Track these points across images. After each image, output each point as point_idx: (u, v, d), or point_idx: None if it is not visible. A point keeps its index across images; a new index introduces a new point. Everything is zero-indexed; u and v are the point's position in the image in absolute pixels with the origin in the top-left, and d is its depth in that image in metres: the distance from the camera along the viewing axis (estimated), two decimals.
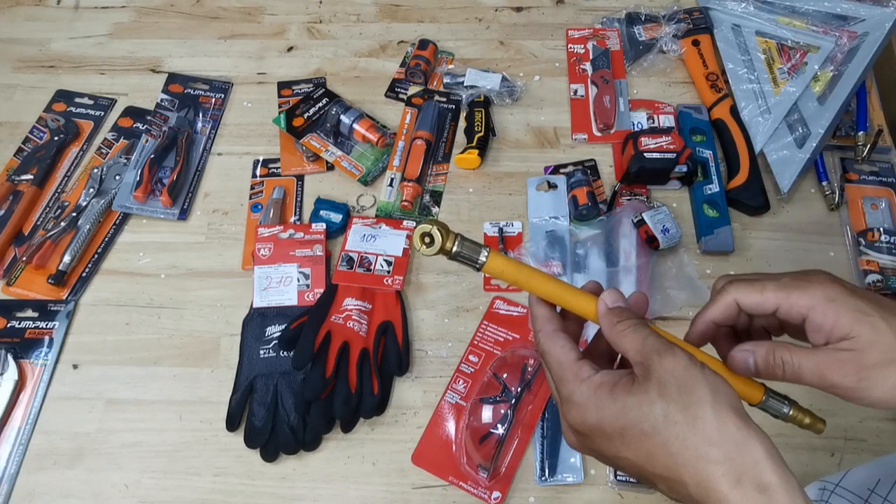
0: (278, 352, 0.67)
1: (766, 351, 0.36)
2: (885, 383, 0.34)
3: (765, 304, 0.37)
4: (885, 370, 0.34)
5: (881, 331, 0.35)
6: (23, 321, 0.69)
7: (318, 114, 0.82)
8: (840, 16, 0.85)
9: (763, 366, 0.36)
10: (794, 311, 0.37)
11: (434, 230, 0.36)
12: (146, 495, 0.61)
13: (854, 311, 0.35)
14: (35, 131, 0.83)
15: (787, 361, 0.35)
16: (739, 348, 0.37)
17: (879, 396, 0.35)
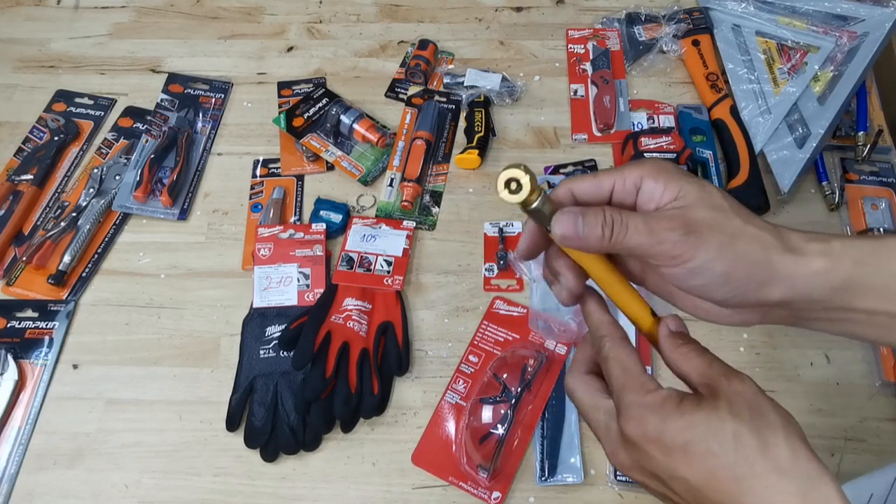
0: (278, 352, 0.67)
1: (594, 212, 0.33)
2: (709, 243, 0.32)
3: (600, 186, 0.36)
4: (710, 232, 0.32)
5: (709, 191, 0.34)
6: (23, 321, 0.69)
7: (318, 114, 0.82)
8: (840, 16, 0.85)
9: (591, 226, 0.33)
10: (629, 184, 0.35)
11: (523, 176, 0.32)
12: (146, 495, 0.61)
13: (684, 175, 0.35)
14: (35, 131, 0.83)
15: (617, 220, 0.33)
16: (566, 210, 0.33)
17: (704, 260, 0.32)
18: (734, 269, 0.33)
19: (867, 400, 0.64)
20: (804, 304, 0.34)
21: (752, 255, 0.33)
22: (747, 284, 0.33)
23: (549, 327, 0.68)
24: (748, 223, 0.34)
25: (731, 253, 0.33)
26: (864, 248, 0.34)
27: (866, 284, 0.33)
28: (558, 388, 0.64)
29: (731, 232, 0.33)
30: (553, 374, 0.65)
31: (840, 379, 0.65)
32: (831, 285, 0.33)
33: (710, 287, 0.34)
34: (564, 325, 0.67)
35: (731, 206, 0.34)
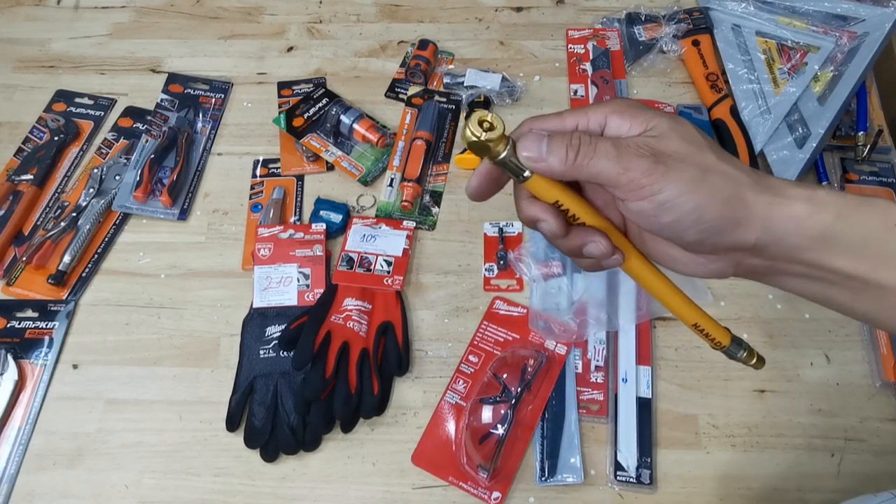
0: (278, 352, 0.67)
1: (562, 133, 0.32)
2: (680, 174, 0.31)
3: (563, 124, 0.34)
4: (681, 163, 0.31)
5: (682, 122, 0.32)
6: (23, 321, 0.69)
7: (318, 114, 0.82)
8: (840, 16, 0.85)
9: (556, 147, 0.31)
10: (594, 123, 0.33)
11: (494, 119, 0.31)
12: (146, 495, 0.61)
13: (650, 110, 0.33)
14: (35, 131, 0.83)
15: (584, 140, 0.31)
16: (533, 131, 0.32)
17: (674, 192, 0.31)
18: (706, 205, 0.31)
19: (867, 400, 0.64)
20: (780, 253, 0.33)
21: (725, 190, 0.31)
22: (720, 223, 0.32)
23: (549, 327, 0.68)
24: (722, 160, 0.32)
25: (703, 187, 0.31)
26: (848, 201, 0.32)
27: (845, 239, 0.32)
28: (558, 388, 0.64)
29: (704, 165, 0.31)
30: (553, 374, 0.65)
31: (840, 379, 0.65)
32: (810, 233, 0.32)
33: (680, 225, 0.32)
34: (564, 325, 0.67)
35: (706, 140, 0.32)
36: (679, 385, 0.65)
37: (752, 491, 0.60)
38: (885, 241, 0.32)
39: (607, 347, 0.67)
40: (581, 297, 0.69)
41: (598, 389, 0.65)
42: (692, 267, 0.36)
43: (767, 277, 0.36)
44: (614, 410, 0.63)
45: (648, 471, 0.60)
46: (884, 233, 0.32)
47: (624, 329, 0.67)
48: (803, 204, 0.32)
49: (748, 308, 0.69)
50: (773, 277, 0.36)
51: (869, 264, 0.32)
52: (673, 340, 0.68)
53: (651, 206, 0.32)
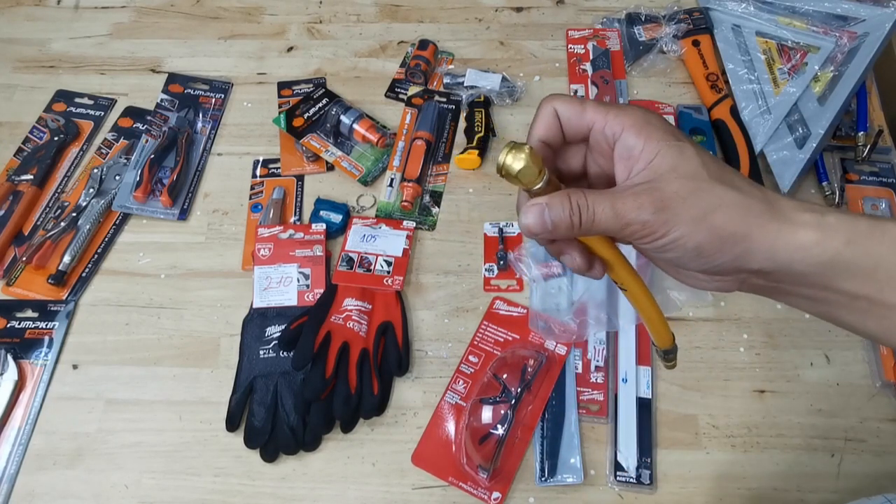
0: (278, 352, 0.67)
1: (559, 200, 0.32)
2: (680, 219, 0.31)
3: (583, 115, 0.34)
4: (682, 206, 0.31)
5: (687, 156, 0.32)
6: (23, 321, 0.69)
7: (318, 114, 0.82)
8: (840, 16, 0.85)
9: (558, 217, 0.32)
10: (609, 131, 0.34)
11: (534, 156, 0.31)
12: (146, 495, 0.61)
13: (666, 133, 0.33)
14: (35, 131, 0.83)
15: (583, 205, 0.32)
16: (531, 203, 0.32)
17: (674, 237, 0.31)
18: (707, 244, 0.31)
19: (867, 400, 0.64)
20: (785, 277, 0.33)
21: (728, 226, 0.31)
22: (722, 256, 0.32)
23: (549, 327, 0.68)
24: (731, 189, 0.32)
25: (704, 228, 0.31)
26: (859, 226, 0.32)
27: (854, 266, 0.32)
28: (558, 388, 0.64)
29: (706, 205, 0.31)
30: (553, 374, 0.65)
31: (840, 379, 0.65)
32: (818, 261, 0.32)
33: (681, 260, 0.33)
34: (564, 325, 0.67)
35: (710, 173, 0.32)
36: (679, 385, 0.65)
37: (752, 491, 0.60)
38: (894, 264, 0.31)
39: (607, 347, 0.67)
40: (581, 297, 0.69)
41: (598, 389, 0.65)
42: (696, 282, 0.36)
43: (773, 296, 0.36)
44: (614, 410, 0.63)
45: (648, 471, 0.60)
46: (894, 256, 0.31)
47: (624, 329, 0.67)
48: (812, 232, 0.32)
49: (748, 308, 0.69)
50: (779, 296, 0.36)
51: (876, 286, 0.32)
52: None
53: (654, 248, 0.33)
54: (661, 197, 0.31)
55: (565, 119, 0.35)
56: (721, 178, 0.32)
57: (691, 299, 0.69)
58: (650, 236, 0.32)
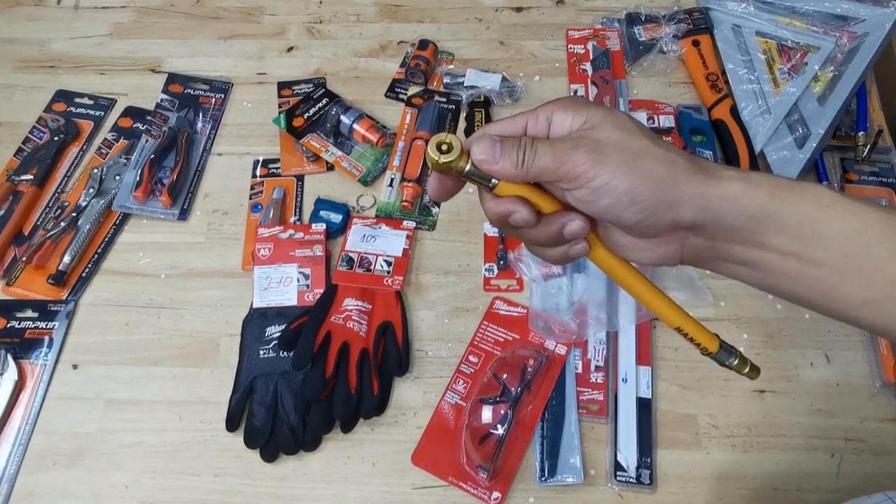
0: (278, 352, 0.67)
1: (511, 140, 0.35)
2: (611, 160, 0.33)
3: (514, 126, 0.37)
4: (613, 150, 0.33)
5: (617, 114, 0.34)
6: (23, 321, 0.69)
7: (318, 114, 0.82)
8: (840, 16, 0.85)
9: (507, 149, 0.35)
10: (542, 121, 0.36)
11: (452, 139, 0.35)
12: (146, 495, 0.61)
13: (594, 104, 0.35)
14: (35, 131, 0.83)
15: (528, 144, 0.34)
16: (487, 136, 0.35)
17: (607, 177, 0.33)
18: (639, 185, 0.33)
19: (867, 400, 0.64)
20: (718, 232, 0.35)
21: (657, 171, 0.33)
22: (655, 204, 0.33)
23: (549, 327, 0.68)
24: (656, 144, 0.34)
25: (634, 170, 0.33)
26: (781, 182, 0.34)
27: (780, 219, 0.33)
28: (558, 388, 0.64)
29: (636, 150, 0.33)
30: (553, 374, 0.65)
31: (840, 379, 0.65)
32: (745, 212, 0.33)
33: (617, 207, 0.34)
34: (564, 325, 0.67)
35: (639, 128, 0.34)
36: (679, 385, 0.65)
37: (752, 491, 0.60)
38: (818, 221, 0.33)
39: (607, 347, 0.67)
40: (581, 297, 0.69)
41: (598, 389, 0.65)
42: (640, 253, 0.37)
43: (713, 263, 0.37)
44: (614, 410, 0.63)
45: (648, 471, 0.60)
46: (816, 213, 0.33)
47: (624, 329, 0.67)
48: (737, 184, 0.33)
49: (748, 308, 0.69)
50: (718, 263, 0.37)
51: (802, 242, 0.34)
52: (673, 341, 0.68)
53: (588, 192, 0.34)
54: (595, 140, 0.34)
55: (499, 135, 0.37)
56: (647, 134, 0.34)
57: (691, 299, 0.69)
58: (584, 176, 0.33)
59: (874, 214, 0.33)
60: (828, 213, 0.33)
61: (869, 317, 0.34)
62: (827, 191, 0.34)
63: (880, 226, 0.33)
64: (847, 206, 0.33)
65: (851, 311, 0.35)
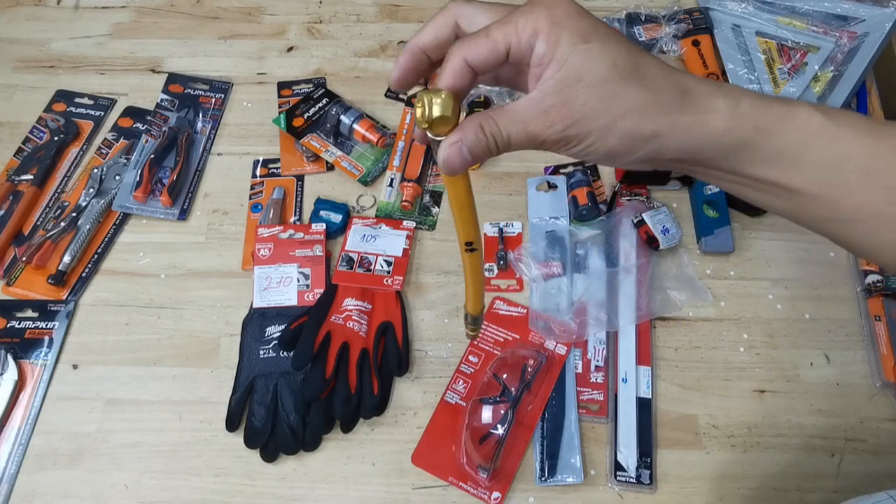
0: (278, 352, 0.67)
1: (473, 132, 0.32)
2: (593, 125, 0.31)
3: (496, 51, 0.32)
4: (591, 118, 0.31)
5: (595, 59, 0.31)
6: (23, 321, 0.69)
7: (318, 114, 0.82)
8: (840, 16, 0.85)
9: (476, 148, 0.32)
10: (525, 44, 0.32)
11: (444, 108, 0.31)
12: (146, 495, 0.61)
13: (574, 35, 0.31)
14: (35, 131, 0.83)
15: (496, 133, 0.32)
16: (448, 143, 0.32)
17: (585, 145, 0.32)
18: (618, 146, 0.32)
19: (867, 400, 0.64)
20: (697, 161, 0.35)
21: (637, 129, 0.32)
22: (633, 154, 0.33)
23: (549, 327, 0.68)
24: (642, 89, 0.32)
25: (614, 134, 0.32)
26: (772, 113, 0.33)
27: (761, 151, 0.33)
28: (558, 388, 0.64)
29: (615, 112, 0.31)
30: (553, 374, 0.65)
31: (840, 379, 0.65)
32: (726, 146, 0.33)
33: (599, 161, 0.34)
34: (564, 325, 0.67)
35: (620, 72, 0.31)
36: (679, 385, 0.65)
37: (752, 491, 0.60)
38: (800, 152, 0.33)
39: (607, 347, 0.67)
40: (581, 297, 0.69)
41: (598, 389, 0.65)
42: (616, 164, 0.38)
43: (691, 175, 0.38)
44: (614, 410, 0.63)
45: (648, 471, 0.60)
46: (800, 144, 0.33)
47: (624, 329, 0.67)
48: (723, 120, 0.33)
49: (748, 308, 0.69)
50: (695, 175, 0.37)
51: (781, 171, 0.34)
52: (673, 340, 0.68)
53: (567, 154, 0.34)
54: (571, 111, 0.31)
55: (480, 63, 0.33)
56: (633, 75, 0.32)
57: (691, 299, 0.69)
58: (565, 147, 0.33)
59: (858, 141, 0.33)
60: (811, 142, 0.33)
61: (831, 231, 0.36)
62: (818, 117, 0.33)
63: (862, 154, 0.33)
64: (833, 134, 0.33)
65: (815, 225, 0.36)
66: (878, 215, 0.34)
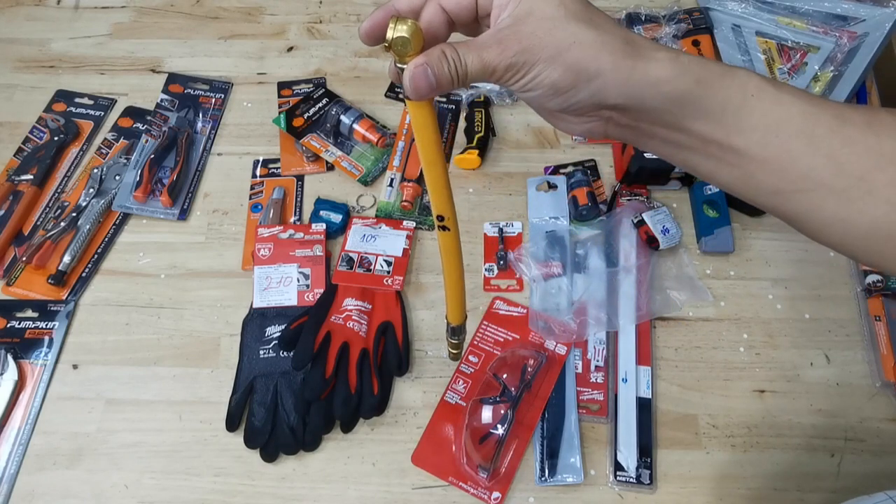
0: (278, 352, 0.67)
1: (437, 57, 0.34)
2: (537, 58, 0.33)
3: None
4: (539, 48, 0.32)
5: None
6: (23, 321, 0.69)
7: (318, 114, 0.82)
8: (840, 16, 0.85)
9: (439, 74, 0.34)
10: None
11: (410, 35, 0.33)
12: (146, 495, 0.61)
13: None
14: (35, 131, 0.83)
15: (457, 60, 0.33)
16: (413, 64, 0.34)
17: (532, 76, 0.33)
18: (562, 79, 0.33)
19: (867, 400, 0.64)
20: (642, 115, 0.35)
21: (581, 62, 0.33)
22: (578, 93, 0.33)
23: (549, 327, 0.68)
24: (589, 27, 0.33)
25: (559, 64, 0.33)
26: (712, 69, 0.34)
27: (703, 105, 0.34)
28: (558, 388, 0.64)
29: (560, 43, 0.33)
30: (553, 374, 0.65)
31: (840, 379, 0.65)
32: (669, 97, 0.33)
33: (541, 98, 0.34)
34: (564, 325, 0.67)
35: (568, 12, 0.33)
36: (679, 385, 0.65)
37: (752, 491, 0.60)
38: (740, 109, 0.34)
39: (607, 347, 0.67)
40: (581, 297, 0.69)
41: (598, 389, 0.65)
42: (564, 125, 0.38)
43: (638, 140, 0.38)
44: (614, 410, 0.63)
45: (648, 471, 0.60)
46: (740, 101, 0.33)
47: (624, 329, 0.67)
48: (665, 68, 0.33)
49: (748, 308, 0.69)
50: (643, 140, 0.37)
51: (724, 130, 0.34)
52: (673, 340, 0.68)
53: (517, 88, 0.34)
54: (520, 40, 0.33)
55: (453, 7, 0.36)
56: (580, 17, 0.33)
57: (691, 299, 0.69)
58: (513, 77, 0.34)
59: (797, 106, 0.33)
60: (752, 102, 0.34)
61: (780, 205, 0.36)
62: (757, 79, 0.34)
63: (801, 118, 0.33)
64: (773, 96, 0.33)
65: (764, 198, 0.36)
66: (824, 185, 0.33)
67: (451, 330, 0.48)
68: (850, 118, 0.33)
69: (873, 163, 0.33)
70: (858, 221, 0.34)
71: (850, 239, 0.35)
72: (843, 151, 0.33)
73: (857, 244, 0.35)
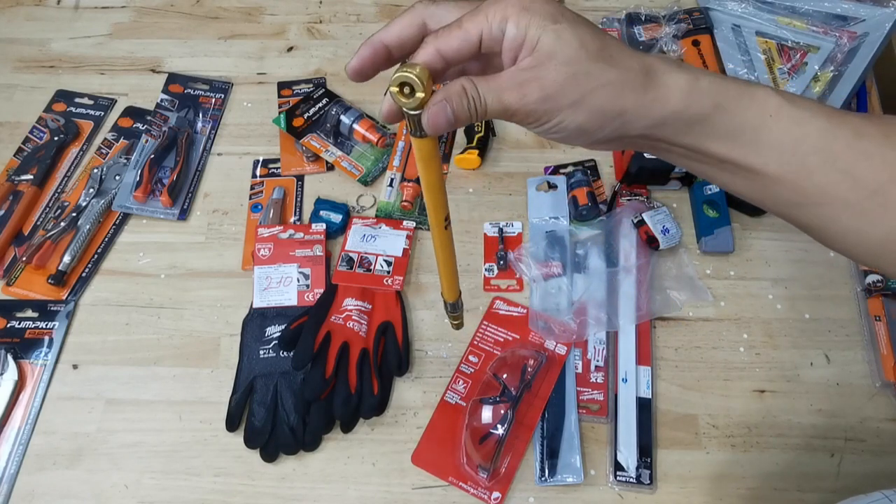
0: (278, 352, 0.67)
1: (457, 94, 0.33)
2: (561, 104, 0.33)
3: (469, 40, 0.33)
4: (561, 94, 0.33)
5: (565, 40, 0.32)
6: (23, 321, 0.69)
7: (318, 114, 0.82)
8: (840, 16, 0.85)
9: (458, 111, 0.33)
10: (496, 30, 0.33)
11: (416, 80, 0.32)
12: (146, 495, 0.61)
13: (544, 18, 0.33)
14: (35, 131, 0.83)
15: (476, 97, 0.33)
16: (433, 102, 0.33)
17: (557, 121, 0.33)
18: (587, 123, 0.34)
19: (867, 400, 0.64)
20: (661, 137, 0.35)
21: (605, 106, 0.33)
22: (602, 131, 0.34)
23: (549, 327, 0.68)
24: (609, 67, 0.33)
25: (583, 110, 0.33)
26: (730, 90, 0.34)
27: (720, 128, 0.34)
28: (558, 388, 0.64)
29: (584, 89, 0.33)
30: (553, 374, 0.65)
31: (840, 379, 0.65)
32: (687, 122, 0.34)
33: (569, 138, 0.35)
34: (564, 325, 0.67)
35: (589, 53, 0.33)
36: (679, 385, 0.65)
37: (752, 491, 0.60)
38: (759, 130, 0.34)
39: (607, 347, 0.67)
40: (581, 297, 0.69)
41: (598, 389, 0.65)
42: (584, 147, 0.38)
43: (655, 153, 0.38)
44: (614, 410, 0.63)
45: (648, 471, 0.60)
46: (759, 122, 0.34)
47: (624, 329, 0.67)
48: (683, 96, 0.34)
49: (748, 308, 0.69)
50: (659, 154, 0.38)
51: (740, 150, 0.35)
52: (673, 340, 0.68)
53: (540, 131, 0.35)
54: (542, 86, 0.33)
55: (453, 54, 0.34)
56: (600, 55, 0.33)
57: (691, 299, 0.69)
58: (536, 122, 0.34)
59: (815, 123, 0.34)
60: (770, 122, 0.34)
61: (796, 216, 0.37)
62: (776, 98, 0.34)
63: (818, 136, 0.34)
64: (791, 116, 0.34)
65: (780, 209, 0.37)
66: (839, 198, 0.34)
67: (451, 306, 0.51)
68: (866, 132, 0.34)
69: (888, 176, 0.33)
70: (872, 233, 0.35)
71: (864, 249, 0.36)
72: (859, 166, 0.34)
73: (871, 254, 0.36)
